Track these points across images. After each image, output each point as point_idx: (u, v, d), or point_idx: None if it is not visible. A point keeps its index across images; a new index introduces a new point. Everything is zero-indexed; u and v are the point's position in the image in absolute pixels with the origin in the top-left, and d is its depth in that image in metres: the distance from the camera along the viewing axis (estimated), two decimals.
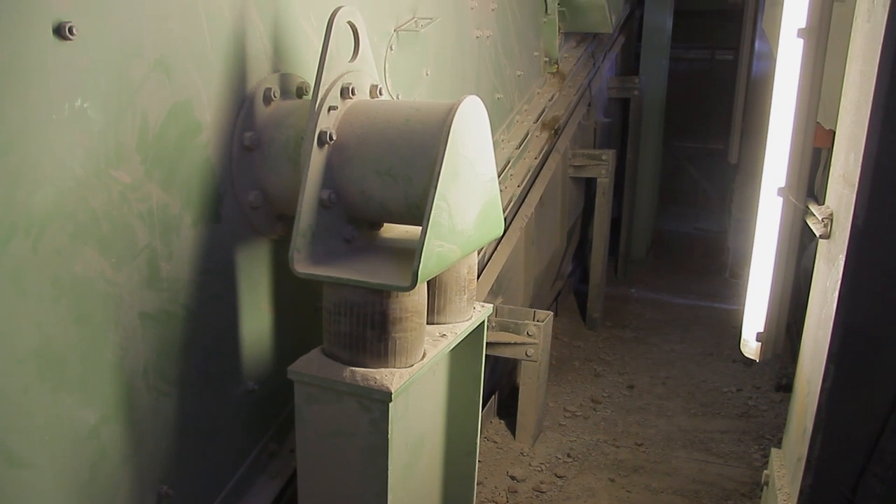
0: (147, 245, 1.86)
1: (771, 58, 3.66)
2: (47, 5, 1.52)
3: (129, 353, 1.85)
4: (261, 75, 2.18)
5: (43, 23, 1.52)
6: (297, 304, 2.48)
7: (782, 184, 3.16)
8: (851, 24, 2.75)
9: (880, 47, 2.18)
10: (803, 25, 2.88)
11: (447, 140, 1.83)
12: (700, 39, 12.64)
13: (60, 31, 1.55)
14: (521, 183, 4.70)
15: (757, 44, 8.34)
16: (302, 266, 1.96)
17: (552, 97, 5.40)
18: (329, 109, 1.99)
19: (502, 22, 4.34)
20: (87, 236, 1.69)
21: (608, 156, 6.62)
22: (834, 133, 2.94)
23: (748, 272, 3.49)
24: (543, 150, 5.16)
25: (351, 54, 2.13)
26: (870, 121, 2.31)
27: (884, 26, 2.13)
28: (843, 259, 2.55)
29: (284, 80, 2.25)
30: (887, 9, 2.10)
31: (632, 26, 9.35)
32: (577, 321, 7.44)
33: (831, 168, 2.91)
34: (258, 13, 2.14)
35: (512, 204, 4.55)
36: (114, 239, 1.76)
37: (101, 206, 1.71)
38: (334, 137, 2.00)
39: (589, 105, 6.83)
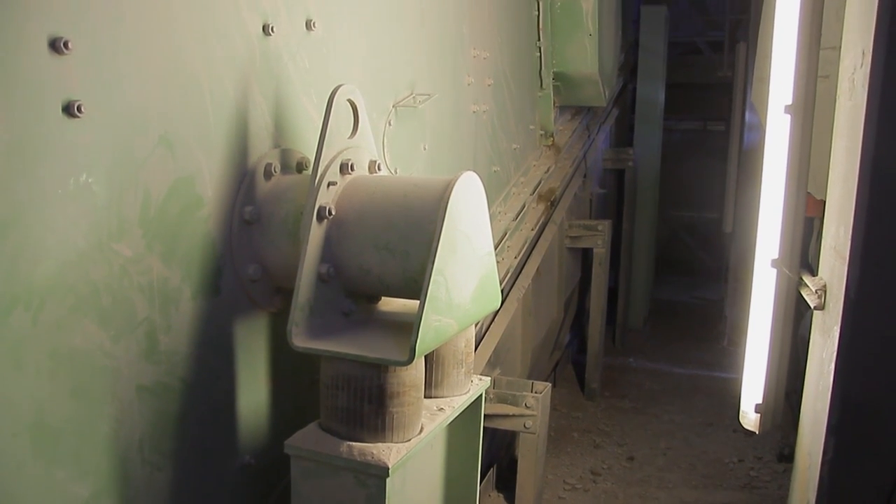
0: (146, 318, 1.87)
1: (761, 129, 3.75)
2: (58, 84, 1.57)
3: (125, 426, 1.84)
4: (262, 150, 2.23)
5: (53, 101, 1.57)
6: (294, 377, 2.47)
7: (776, 255, 3.20)
8: (835, 98, 2.84)
9: (862, 125, 2.25)
10: (789, 102, 2.96)
11: (444, 216, 1.87)
12: (692, 111, 12.91)
13: (69, 110, 1.60)
14: (518, 254, 4.74)
15: (747, 115, 8.52)
16: (300, 340, 1.97)
17: (548, 169, 5.49)
18: (328, 185, 2.03)
19: (499, 97, 4.45)
20: (87, 309, 1.70)
21: (604, 226, 6.69)
22: (824, 203, 2.99)
23: (745, 342, 3.51)
24: (540, 222, 5.22)
25: (350, 131, 2.18)
26: (857, 195, 2.37)
27: (864, 105, 2.20)
28: (838, 331, 2.57)
29: (285, 155, 2.30)
30: (867, 89, 2.17)
31: (625, 99, 9.56)
32: (575, 392, 7.39)
33: (823, 240, 2.96)
34: (260, 90, 2.20)
35: (509, 275, 4.58)
36: (113, 311, 1.77)
37: (101, 279, 1.73)
38: (333, 212, 2.04)
39: (584, 176, 6.93)
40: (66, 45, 1.57)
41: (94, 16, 1.66)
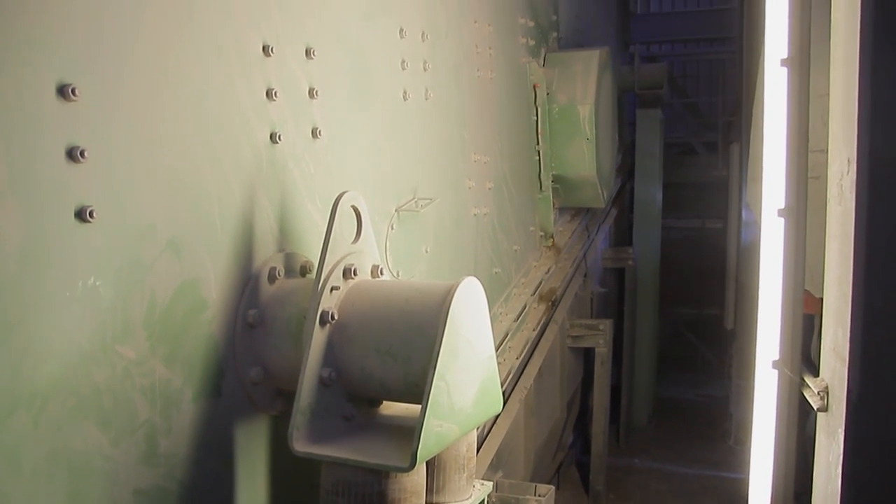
0: (147, 420, 1.87)
1: (757, 227, 3.81)
2: (72, 190, 1.63)
3: None
4: (266, 254, 2.27)
5: (66, 206, 1.62)
6: (294, 481, 2.44)
7: (776, 356, 3.21)
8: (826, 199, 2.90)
9: (853, 229, 2.30)
10: (782, 206, 3.03)
11: (446, 321, 1.89)
12: (690, 209, 13.07)
13: (81, 215, 1.64)
14: (520, 355, 4.73)
15: (744, 213, 8.64)
16: (301, 445, 1.96)
17: (548, 270, 5.54)
18: (331, 290, 2.07)
19: (499, 199, 4.54)
20: (88, 411, 1.70)
21: (605, 325, 6.70)
22: (822, 301, 3.01)
23: (751, 443, 3.46)
24: (541, 322, 5.24)
25: (354, 236, 2.24)
26: (852, 297, 2.40)
27: (854, 211, 2.26)
28: (843, 433, 2.55)
29: (289, 259, 2.34)
30: (854, 195, 2.24)
31: (623, 199, 9.73)
32: (579, 494, 7.22)
33: (822, 341, 2.96)
34: (266, 195, 2.26)
35: (511, 376, 4.56)
36: (114, 414, 1.77)
37: (104, 381, 1.73)
38: (336, 317, 2.06)
39: (585, 276, 6.99)
40: (82, 153, 1.64)
41: (110, 125, 1.73)
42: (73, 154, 1.62)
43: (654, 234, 10.05)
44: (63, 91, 1.61)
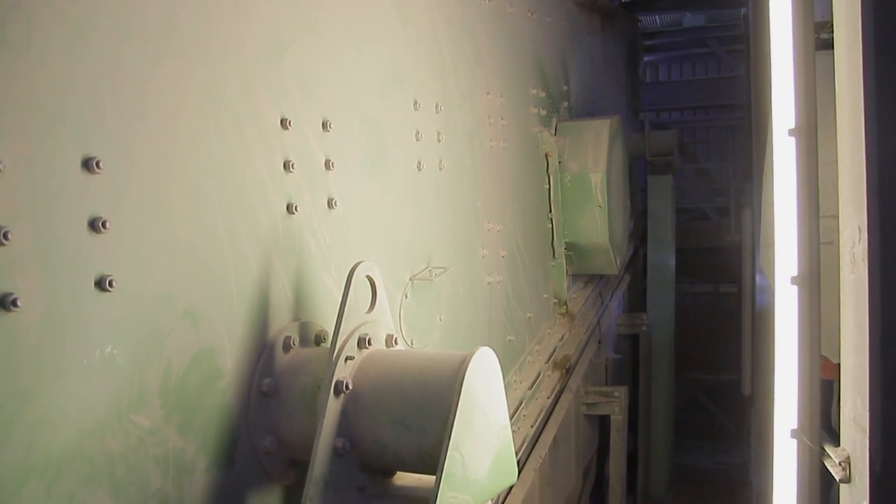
0: (159, 489, 1.86)
1: (771, 292, 3.80)
2: (93, 259, 1.66)
3: None
4: (281, 323, 2.28)
5: (86, 276, 1.65)
6: None
7: (795, 424, 3.16)
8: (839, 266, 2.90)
9: (867, 298, 2.30)
10: (795, 273, 3.03)
11: (460, 392, 1.89)
12: (703, 273, 13.04)
13: (101, 284, 1.67)
14: (534, 423, 4.68)
15: (758, 278, 8.62)
16: None
17: (562, 337, 5.52)
18: (346, 359, 2.08)
19: (512, 267, 4.56)
20: (101, 480, 1.69)
21: (620, 392, 6.63)
22: (839, 366, 2.98)
23: None
24: (555, 390, 5.19)
25: (368, 305, 2.26)
26: (870, 366, 2.38)
27: (867, 279, 2.26)
28: None
29: (304, 328, 2.36)
30: (867, 263, 2.24)
31: (637, 264, 9.73)
32: None
33: (842, 410, 2.93)
34: (282, 265, 2.29)
35: (525, 445, 4.51)
36: (127, 483, 1.76)
37: (117, 450, 1.73)
38: (350, 387, 2.07)
39: (599, 342, 6.95)
40: (104, 224, 1.67)
41: (131, 197, 1.78)
42: (94, 225, 1.66)
43: (668, 300, 10.01)
44: (88, 164, 1.66)
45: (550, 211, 5.40)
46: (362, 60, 2.80)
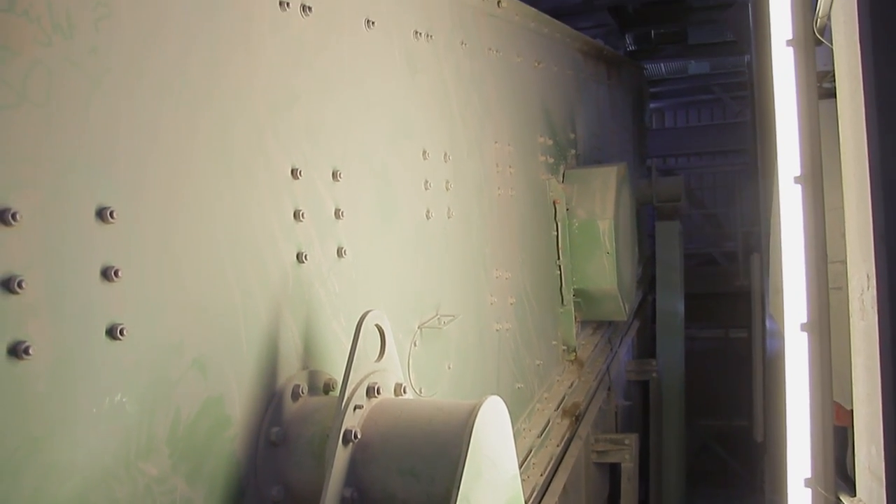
0: None
1: (781, 338, 3.78)
2: (104, 308, 1.68)
3: None
4: (290, 372, 2.29)
5: (98, 324, 1.67)
6: None
7: (809, 473, 3.12)
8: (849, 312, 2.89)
9: (878, 345, 2.29)
10: (805, 320, 3.02)
11: (469, 442, 1.88)
12: (713, 319, 12.97)
13: (112, 332, 1.69)
14: (544, 472, 4.63)
15: (768, 323, 8.55)
16: None
17: (572, 384, 5.48)
18: (355, 408, 2.07)
19: (521, 314, 4.56)
20: None
21: (631, 440, 6.54)
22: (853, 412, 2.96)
23: None
24: (565, 438, 5.14)
25: (377, 354, 2.26)
26: (883, 414, 2.36)
27: (877, 326, 2.26)
28: None
29: (313, 376, 2.36)
30: (876, 310, 2.24)
31: (645, 310, 9.69)
32: None
33: (856, 459, 2.89)
34: (291, 314, 2.31)
35: (535, 494, 4.44)
36: None
37: (125, 498, 1.72)
38: (359, 436, 2.06)
39: (608, 389, 6.89)
40: (116, 273, 1.70)
41: (144, 246, 1.81)
42: (107, 273, 1.69)
43: (678, 346, 9.93)
44: (102, 213, 1.69)
45: (559, 258, 5.41)
46: (372, 110, 2.85)
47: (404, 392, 2.32)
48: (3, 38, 1.53)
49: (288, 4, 2.39)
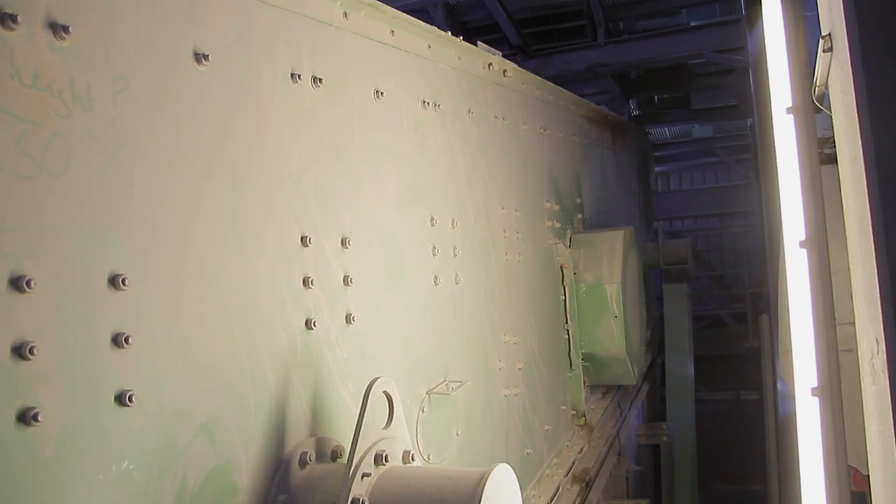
0: None
1: (793, 400, 3.73)
2: (114, 374, 1.70)
3: None
4: (298, 438, 2.28)
5: (107, 390, 1.68)
6: None
7: None
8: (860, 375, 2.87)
9: (891, 410, 2.27)
10: (815, 384, 3.00)
11: None
12: (723, 381, 12.84)
13: (121, 399, 1.70)
14: None
15: (779, 385, 8.45)
16: None
17: (581, 449, 5.41)
18: (363, 476, 2.06)
19: (529, 379, 4.53)
20: None
21: None
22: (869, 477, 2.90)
23: None
24: None
25: (385, 421, 2.25)
26: None
27: (889, 390, 2.24)
28: None
29: (320, 443, 2.35)
30: (887, 374, 2.23)
31: (655, 373, 9.61)
32: None
33: None
34: (299, 380, 2.31)
35: None
36: None
37: None
38: None
39: (619, 454, 6.79)
40: (126, 340, 1.72)
41: (154, 313, 1.83)
42: (118, 340, 1.71)
43: (689, 409, 9.81)
44: (114, 280, 1.72)
45: (567, 322, 5.40)
46: (381, 178, 2.90)
47: (412, 459, 2.30)
48: (27, 112, 1.59)
49: (299, 76, 2.46)
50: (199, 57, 2.04)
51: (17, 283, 1.53)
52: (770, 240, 7.73)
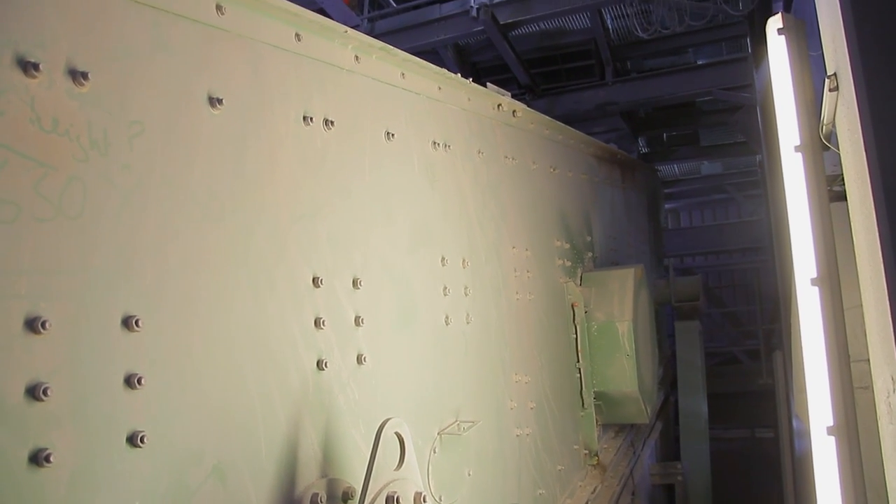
0: None
1: (809, 438, 3.68)
2: (126, 415, 1.70)
3: None
4: (309, 479, 2.27)
5: (119, 432, 1.69)
6: None
7: None
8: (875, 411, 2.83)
9: None
10: (831, 424, 2.97)
11: None
12: (738, 418, 12.70)
13: (133, 440, 1.70)
14: None
15: (794, 422, 8.35)
16: None
17: (595, 489, 5.35)
18: None
19: (541, 419, 4.50)
20: None
21: None
22: None
23: None
24: None
25: (397, 462, 2.24)
26: None
27: None
28: None
29: (331, 485, 2.33)
30: None
31: (668, 412, 9.51)
32: None
33: None
34: (311, 421, 2.30)
35: None
36: None
37: None
38: None
39: (633, 494, 6.70)
40: (139, 381, 1.73)
41: (167, 354, 1.84)
42: (130, 381, 1.72)
43: (703, 447, 9.70)
44: (128, 322, 1.73)
45: (578, 361, 5.38)
46: (392, 219, 2.92)
47: (424, 501, 2.29)
48: (46, 156, 1.62)
49: (311, 119, 2.49)
50: (213, 101, 2.08)
51: (33, 325, 1.54)
52: (782, 275, 7.70)
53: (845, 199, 3.03)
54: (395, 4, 10.18)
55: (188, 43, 2.05)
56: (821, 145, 3.21)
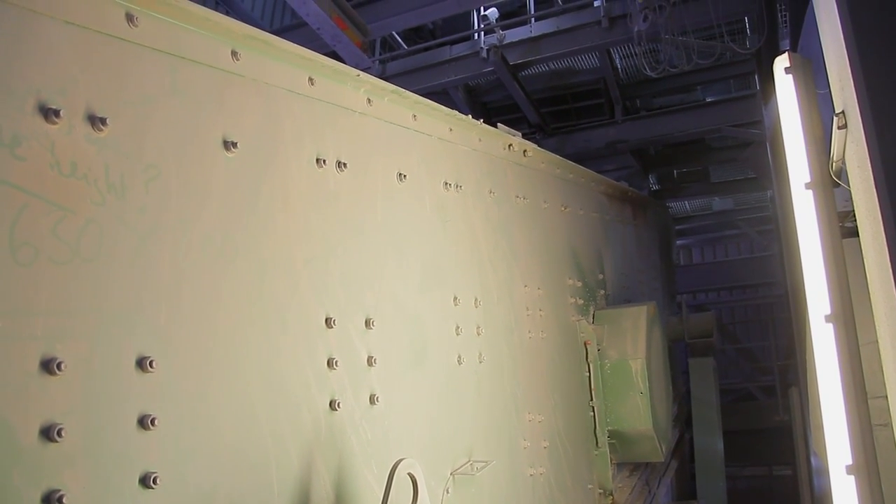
0: None
1: (828, 476, 3.62)
2: (139, 456, 1.71)
3: None
4: None
5: (131, 472, 1.69)
6: None
7: None
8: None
9: None
10: (850, 462, 2.93)
11: None
12: (754, 456, 12.52)
13: (145, 481, 1.70)
14: None
15: (813, 460, 8.23)
16: None
17: None
18: None
19: (555, 458, 4.46)
20: None
21: None
22: None
23: None
24: None
25: (410, 503, 2.23)
26: None
27: None
28: None
29: None
30: None
31: (683, 449, 9.39)
32: None
33: None
34: (323, 461, 2.29)
35: None
36: None
37: None
38: None
39: None
40: (152, 421, 1.73)
41: (181, 395, 1.85)
42: (144, 422, 1.72)
43: (719, 485, 9.55)
44: (142, 363, 1.74)
45: (591, 399, 5.34)
46: (404, 260, 2.93)
47: None
48: (64, 200, 1.65)
49: (324, 161, 2.52)
50: (228, 144, 2.12)
51: (48, 366, 1.56)
52: (796, 311, 7.65)
53: (857, 234, 3.03)
54: (406, 46, 10.33)
55: (204, 88, 2.09)
56: (831, 182, 3.21)
